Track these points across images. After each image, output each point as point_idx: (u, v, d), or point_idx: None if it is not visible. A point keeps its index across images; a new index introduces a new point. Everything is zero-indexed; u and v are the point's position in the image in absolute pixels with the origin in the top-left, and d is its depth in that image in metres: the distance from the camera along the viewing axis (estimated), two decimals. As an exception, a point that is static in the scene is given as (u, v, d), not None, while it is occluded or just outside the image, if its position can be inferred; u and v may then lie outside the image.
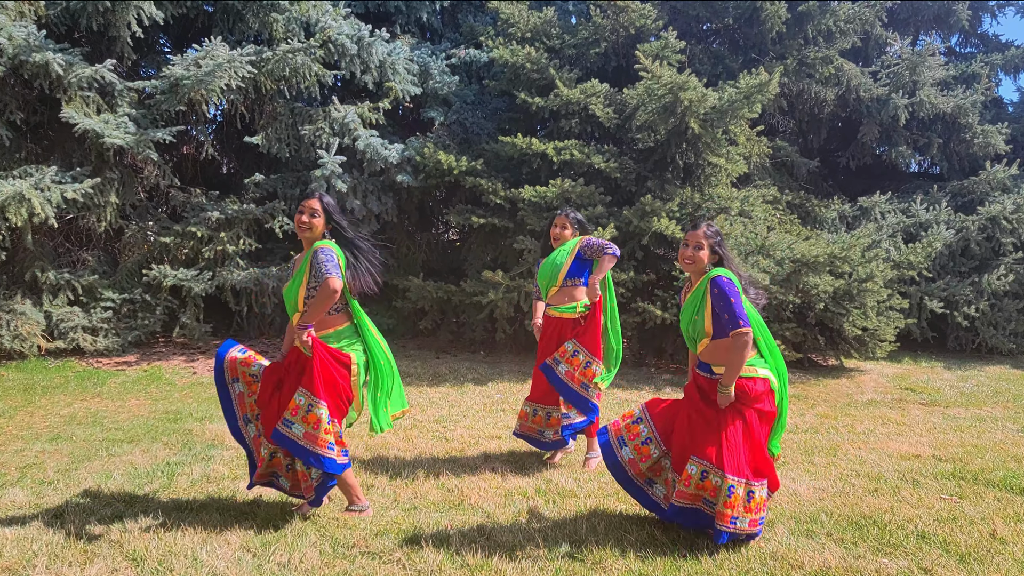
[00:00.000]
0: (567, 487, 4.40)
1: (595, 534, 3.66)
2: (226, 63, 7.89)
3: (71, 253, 8.74)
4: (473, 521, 3.84)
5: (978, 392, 7.80)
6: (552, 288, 4.80)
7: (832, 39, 10.51)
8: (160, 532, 3.57)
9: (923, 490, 4.40)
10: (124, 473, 4.54)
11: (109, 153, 7.88)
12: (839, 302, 8.11)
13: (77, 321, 8.02)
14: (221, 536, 3.55)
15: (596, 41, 9.47)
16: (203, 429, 5.65)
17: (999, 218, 9.62)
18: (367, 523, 3.78)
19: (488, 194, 8.64)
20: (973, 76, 11.48)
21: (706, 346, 3.62)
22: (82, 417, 6.01)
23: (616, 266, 8.15)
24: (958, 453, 5.31)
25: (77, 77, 7.53)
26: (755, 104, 8.15)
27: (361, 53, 8.90)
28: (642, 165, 8.72)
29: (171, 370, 7.87)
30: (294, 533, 3.62)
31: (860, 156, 11.21)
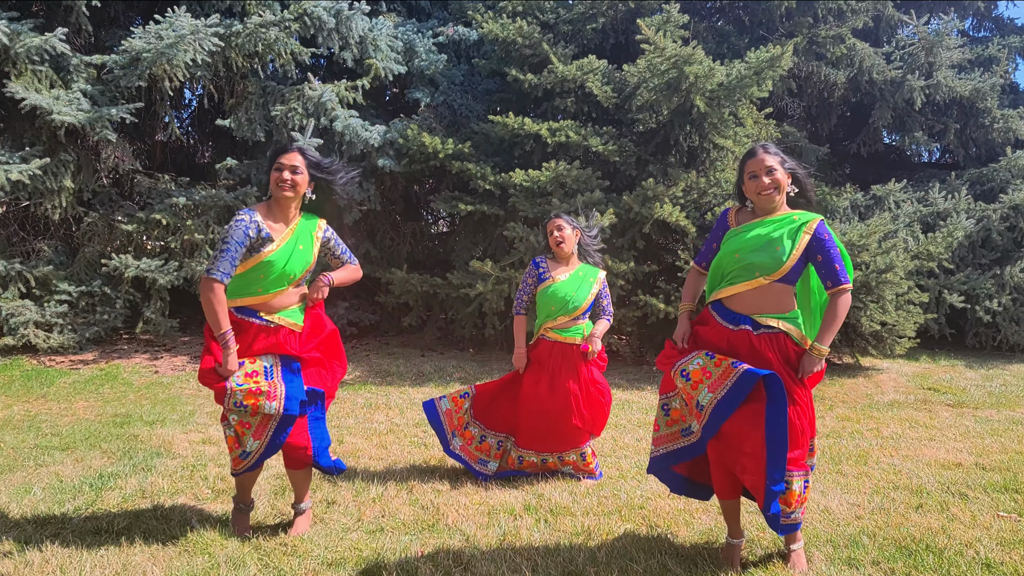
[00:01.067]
0: (561, 503, 3.77)
1: (594, 563, 3.04)
2: (190, 35, 7.23)
3: (25, 243, 8.07)
4: (449, 545, 3.22)
5: (1007, 392, 7.20)
6: (563, 318, 4.19)
7: (843, 18, 9.91)
8: (67, 561, 2.94)
9: (975, 505, 3.78)
10: (46, 487, 3.90)
11: (61, 132, 7.21)
12: (856, 295, 7.48)
13: (29, 316, 7.35)
14: (139, 568, 2.92)
15: (593, 16, 8.83)
16: (150, 435, 5.01)
17: (1023, 207, 9.02)
18: (321, 548, 3.14)
19: (477, 179, 8.01)
20: (990, 59, 10.89)
21: (756, 287, 2.93)
22: (18, 421, 5.36)
23: (615, 256, 7.52)
24: (1003, 461, 4.69)
25: (25, 47, 6.87)
26: (765, 81, 7.53)
27: (340, 27, 8.25)
28: (643, 148, 8.09)
29: (130, 368, 7.22)
30: (230, 564, 2.99)
31: (871, 143, 10.60)
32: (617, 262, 7.37)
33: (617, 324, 7.66)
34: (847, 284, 2.89)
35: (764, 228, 2.96)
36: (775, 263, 2.89)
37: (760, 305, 2.95)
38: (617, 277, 7.44)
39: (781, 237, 2.91)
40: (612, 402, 4.43)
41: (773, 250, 2.90)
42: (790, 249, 2.89)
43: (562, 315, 4.17)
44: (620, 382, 7.13)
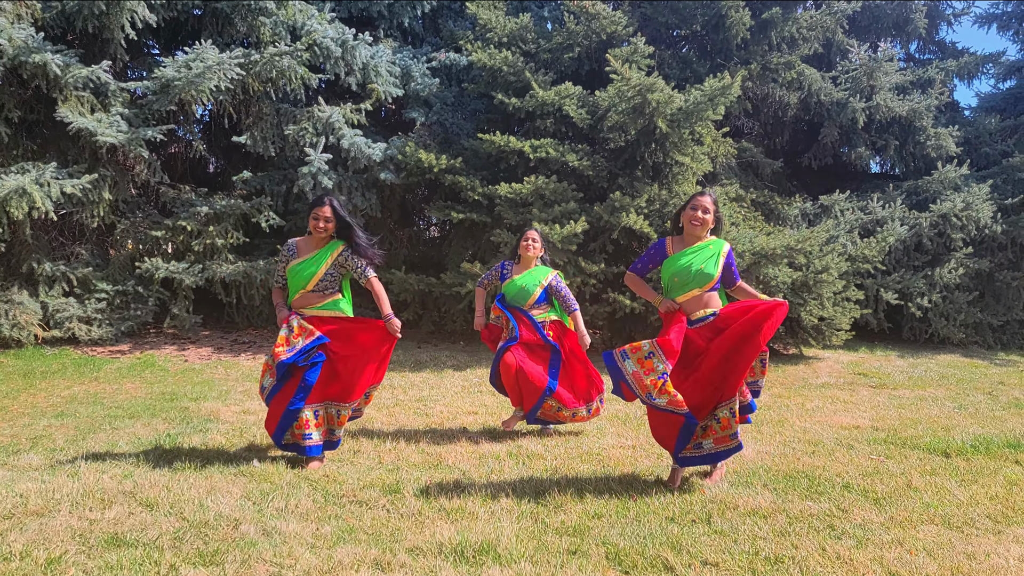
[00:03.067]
0: (535, 451, 4.85)
1: (557, 486, 4.11)
2: (215, 65, 8.27)
3: (65, 247, 9.07)
4: (450, 478, 4.28)
5: (926, 376, 8.35)
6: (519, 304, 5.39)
7: (795, 45, 11.07)
8: (168, 486, 3.98)
9: (855, 453, 4.90)
10: (129, 442, 4.93)
11: (102, 151, 8.24)
12: (797, 292, 8.63)
13: (72, 311, 8.36)
14: (223, 488, 3.97)
15: (570, 46, 9.95)
16: (198, 407, 6.04)
17: (950, 215, 10.20)
18: (354, 479, 4.20)
19: (467, 191, 9.08)
20: (929, 81, 12.09)
21: (696, 296, 4.18)
22: (83, 398, 6.37)
23: (587, 259, 8.62)
24: (894, 425, 5.82)
25: (74, 77, 7.89)
26: (719, 106, 8.65)
27: (345, 56, 9.32)
28: (613, 163, 9.20)
29: (163, 358, 8.24)
30: (289, 486, 4.04)
31: (822, 157, 11.77)
32: (589, 263, 8.47)
33: (589, 319, 8.76)
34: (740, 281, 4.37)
35: (694, 256, 4.21)
36: (707, 279, 4.18)
37: (697, 306, 4.22)
38: (589, 277, 8.53)
39: (707, 262, 4.20)
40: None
41: (703, 271, 4.17)
42: (714, 269, 4.20)
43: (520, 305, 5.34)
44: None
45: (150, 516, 3.55)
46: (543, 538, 3.37)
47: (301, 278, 4.64)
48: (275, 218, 9.34)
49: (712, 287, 4.20)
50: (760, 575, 3.02)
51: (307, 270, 4.63)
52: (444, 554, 3.19)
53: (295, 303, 4.69)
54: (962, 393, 7.44)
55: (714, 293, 4.24)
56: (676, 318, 4.24)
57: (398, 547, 3.25)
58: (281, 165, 9.84)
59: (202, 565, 3.03)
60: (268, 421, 4.56)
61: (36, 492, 3.82)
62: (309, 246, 4.71)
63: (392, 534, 3.42)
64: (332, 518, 3.61)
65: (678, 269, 4.21)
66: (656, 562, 3.13)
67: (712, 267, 4.17)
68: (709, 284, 4.17)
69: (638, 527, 3.51)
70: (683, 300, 4.22)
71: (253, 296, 9.28)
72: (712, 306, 4.22)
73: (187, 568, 3.00)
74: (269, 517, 3.58)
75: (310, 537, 3.34)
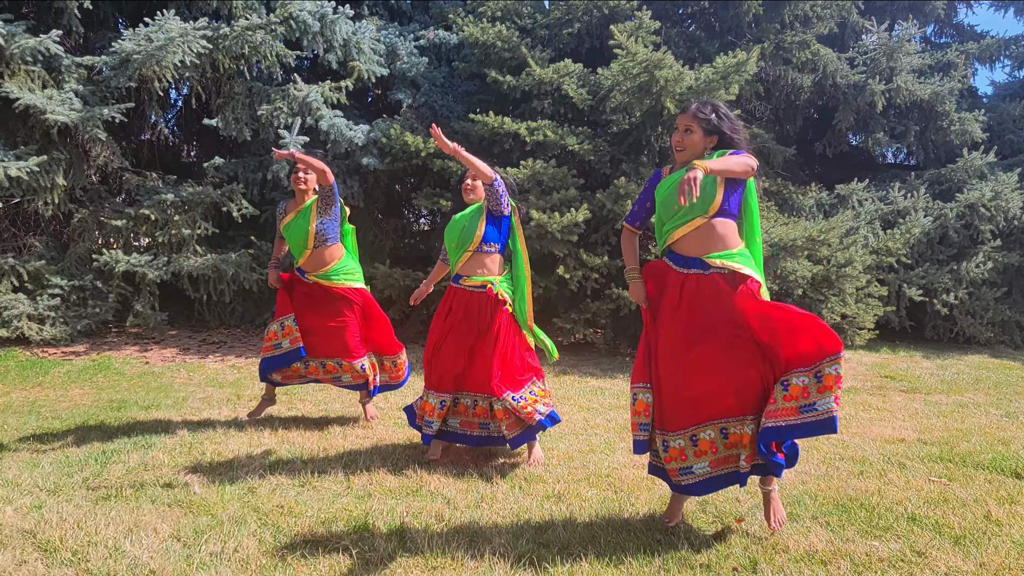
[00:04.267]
0: (534, 472, 4.10)
1: (562, 520, 3.37)
2: (179, 37, 7.49)
3: (17, 239, 8.28)
4: (431, 508, 3.53)
5: (958, 380, 7.63)
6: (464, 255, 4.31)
7: (809, 24, 10.32)
8: (81, 522, 3.22)
9: (910, 472, 4.16)
10: (53, 461, 4.17)
11: (54, 131, 7.45)
12: (818, 288, 7.91)
13: (22, 309, 7.57)
14: (149, 525, 3.21)
15: (569, 21, 9.18)
16: (147, 417, 5.27)
17: (977, 205, 9.48)
18: (314, 510, 3.45)
19: (457, 176, 8.30)
20: (949, 64, 11.36)
21: (699, 226, 3.07)
22: (18, 406, 5.60)
23: (589, 251, 7.87)
24: (943, 437, 5.09)
25: (20, 48, 7.09)
26: (732, 85, 7.90)
27: (324, 31, 8.53)
28: (617, 148, 8.45)
29: (121, 359, 7.45)
30: (232, 521, 3.29)
31: (836, 144, 11.03)
32: (591, 256, 7.72)
33: (591, 316, 8.01)
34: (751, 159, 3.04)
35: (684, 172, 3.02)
36: (706, 198, 3.04)
37: (706, 245, 3.09)
38: (591, 271, 7.79)
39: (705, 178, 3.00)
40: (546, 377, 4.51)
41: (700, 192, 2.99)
42: (712, 182, 3.03)
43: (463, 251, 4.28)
44: (594, 371, 7.48)
45: (43, 566, 2.78)
46: (546, 597, 2.63)
47: (297, 236, 4.90)
48: (248, 207, 8.56)
49: (717, 213, 3.06)
50: (837, 656, 2.28)
51: (301, 227, 4.88)
52: (417, 623, 2.44)
53: (304, 266, 4.98)
54: (1004, 399, 6.71)
55: (728, 224, 3.10)
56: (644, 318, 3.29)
57: (357, 612, 2.50)
58: (257, 151, 9.05)
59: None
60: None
61: (-89, 532, 3.06)
62: (295, 203, 5.00)
63: (352, 591, 2.67)
64: (278, 567, 2.85)
65: (669, 192, 3.14)
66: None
67: (711, 183, 3.03)
68: (712, 207, 3.05)
69: (667, 580, 2.77)
70: (681, 236, 3.13)
71: (224, 292, 8.50)
72: (729, 244, 3.08)
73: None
74: (197, 567, 2.82)
75: (244, 598, 2.59)
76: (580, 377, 7.17)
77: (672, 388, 3.12)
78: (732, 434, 3.09)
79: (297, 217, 4.91)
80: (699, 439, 3.10)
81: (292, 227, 4.93)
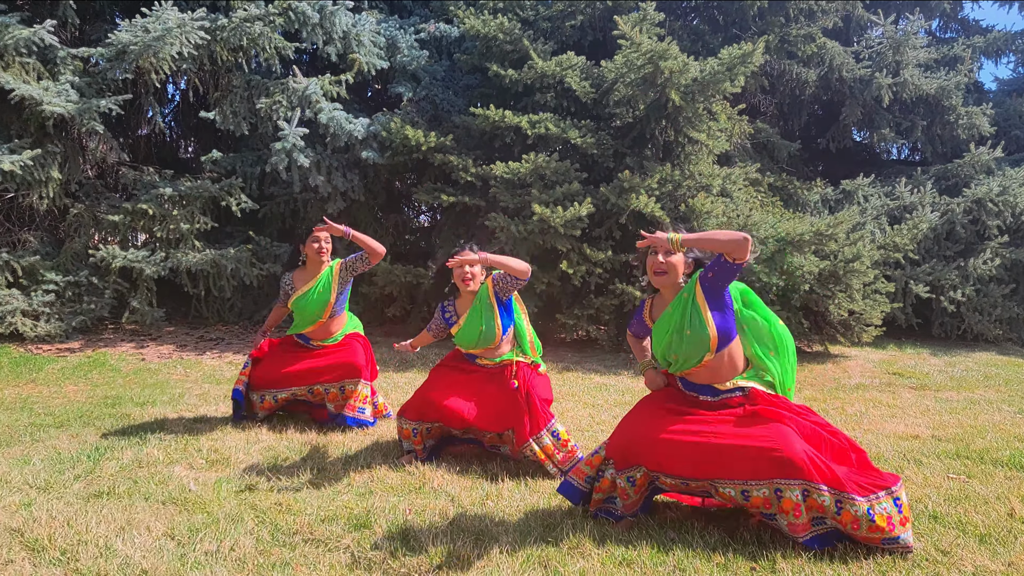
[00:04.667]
0: (540, 471, 3.98)
1: (571, 518, 3.25)
2: (176, 28, 7.36)
3: (11, 233, 8.14)
4: (435, 506, 3.41)
5: (968, 376, 7.51)
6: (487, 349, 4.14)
7: (813, 17, 10.22)
8: (71, 520, 3.10)
9: (927, 470, 4.04)
10: (44, 458, 4.04)
11: (50, 123, 7.32)
12: (824, 284, 7.78)
13: (16, 305, 7.44)
14: (142, 523, 3.09)
15: (572, 13, 9.06)
16: (142, 414, 5.15)
17: (985, 200, 9.37)
18: (314, 507, 3.33)
19: (458, 171, 8.19)
20: (955, 59, 11.26)
21: (708, 361, 3.05)
22: (10, 402, 5.48)
23: (593, 245, 7.75)
24: (958, 434, 4.97)
25: (14, 39, 6.97)
26: (737, 77, 7.78)
27: (324, 23, 8.40)
28: (620, 141, 8.32)
29: (117, 356, 7.33)
30: (228, 519, 3.17)
31: (840, 139, 10.92)
32: (595, 251, 7.60)
33: (595, 312, 7.89)
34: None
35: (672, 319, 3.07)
36: (705, 342, 2.99)
37: (715, 376, 3.09)
38: (595, 266, 7.67)
39: (688, 318, 3.01)
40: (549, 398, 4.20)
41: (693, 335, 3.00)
42: (701, 321, 2.99)
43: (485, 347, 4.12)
44: (598, 368, 7.36)
45: (30, 565, 2.66)
46: (557, 598, 2.51)
47: (313, 309, 4.71)
48: (247, 202, 8.43)
49: (719, 346, 3.02)
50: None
51: (315, 297, 4.68)
52: (422, 626, 2.32)
53: (312, 335, 4.84)
54: (1016, 396, 6.59)
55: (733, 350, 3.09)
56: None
57: (359, 614, 2.38)
58: (255, 146, 8.93)
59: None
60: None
61: None
62: (307, 274, 4.78)
63: (353, 592, 2.55)
64: (276, 567, 2.73)
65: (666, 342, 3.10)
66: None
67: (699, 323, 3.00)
68: (712, 343, 3.00)
69: (682, 580, 2.65)
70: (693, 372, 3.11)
71: (223, 288, 8.37)
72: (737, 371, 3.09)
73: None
74: (191, 567, 2.70)
75: (240, 599, 2.47)
76: (584, 374, 7.05)
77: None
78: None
79: (313, 290, 4.69)
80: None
81: (306, 300, 4.70)
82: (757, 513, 2.97)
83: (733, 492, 2.94)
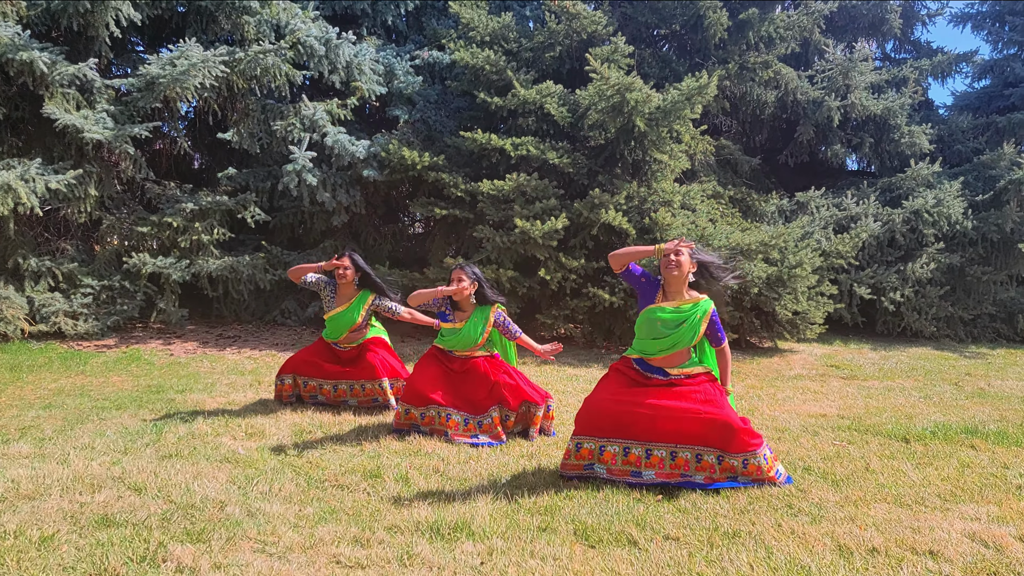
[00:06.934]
0: (513, 440, 5.02)
1: (533, 471, 4.29)
2: (200, 63, 8.38)
3: (50, 243, 9.15)
4: (428, 464, 4.44)
5: (895, 368, 8.59)
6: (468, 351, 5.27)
7: (772, 45, 11.29)
8: (155, 472, 4.12)
9: (819, 439, 5.10)
10: (116, 431, 5.05)
11: (88, 147, 8.33)
12: (772, 287, 8.85)
13: (58, 306, 8.45)
14: (209, 474, 4.11)
15: (551, 45, 10.12)
16: (184, 399, 6.17)
17: (921, 211, 10.46)
18: (336, 465, 4.36)
19: (449, 187, 9.23)
20: (903, 80, 12.35)
21: (673, 353, 4.10)
22: (70, 390, 6.48)
23: (568, 254, 8.80)
24: (860, 413, 6.04)
25: (60, 75, 7.97)
26: (696, 105, 8.85)
27: (329, 54, 9.44)
28: (593, 161, 9.38)
29: (149, 352, 8.34)
30: (273, 471, 4.20)
31: (798, 154, 12.01)
32: (570, 259, 8.65)
33: (570, 312, 8.95)
34: (725, 342, 4.21)
35: (678, 314, 4.07)
36: (690, 339, 4.10)
37: (671, 361, 4.14)
38: (570, 272, 8.72)
39: (691, 320, 4.06)
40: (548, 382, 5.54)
41: (688, 330, 4.06)
42: (699, 329, 4.09)
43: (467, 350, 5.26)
44: (572, 361, 8.41)
45: (138, 499, 3.69)
46: (515, 517, 3.55)
47: (342, 324, 5.82)
48: (260, 214, 9.46)
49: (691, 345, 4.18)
50: (717, 548, 3.21)
51: (346, 317, 5.80)
52: (421, 531, 3.35)
53: (340, 342, 5.95)
54: (929, 384, 7.68)
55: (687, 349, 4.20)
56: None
57: (377, 525, 3.42)
58: (266, 162, 9.95)
59: (189, 543, 3.18)
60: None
61: (27, 478, 3.95)
62: (343, 294, 5.84)
63: (372, 514, 3.58)
64: (314, 500, 3.76)
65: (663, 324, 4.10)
66: (621, 537, 3.31)
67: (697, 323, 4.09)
68: (696, 340, 4.14)
69: (606, 506, 3.69)
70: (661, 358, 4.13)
71: (241, 291, 9.40)
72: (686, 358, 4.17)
73: (175, 545, 3.14)
74: (253, 500, 3.73)
75: (293, 517, 3.50)
76: (559, 367, 8.09)
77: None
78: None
79: (346, 312, 5.78)
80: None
81: (340, 319, 5.80)
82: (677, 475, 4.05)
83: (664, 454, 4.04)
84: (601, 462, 4.13)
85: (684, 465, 4.01)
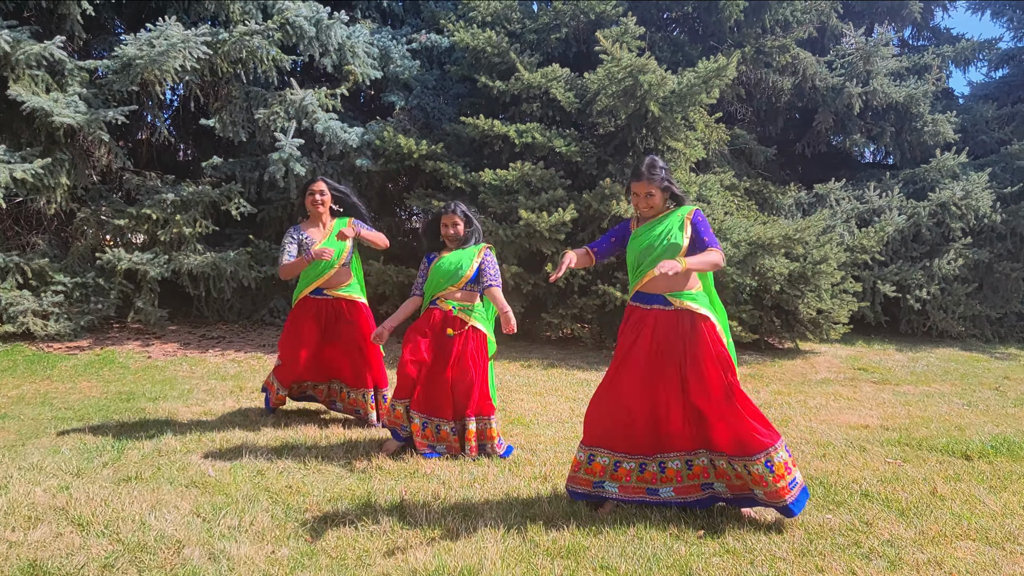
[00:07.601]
0: (521, 456, 4.43)
1: (547, 498, 3.69)
2: (180, 43, 7.74)
3: (20, 237, 8.52)
4: (428, 488, 3.85)
5: (928, 371, 8.01)
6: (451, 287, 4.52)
7: (789, 28, 10.69)
8: (107, 500, 3.52)
9: (869, 455, 4.51)
10: (73, 448, 4.45)
11: (59, 133, 7.70)
12: (794, 284, 8.26)
13: (27, 305, 7.82)
14: (170, 503, 3.51)
15: (557, 27, 9.50)
16: (156, 408, 5.56)
17: (949, 204, 9.87)
18: (320, 490, 3.76)
19: (449, 178, 8.63)
20: (924, 67, 11.76)
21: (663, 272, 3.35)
22: (31, 398, 5.88)
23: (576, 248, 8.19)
24: (905, 424, 5.45)
25: (25, 54, 7.34)
26: (713, 89, 8.24)
27: (320, 35, 8.80)
28: (603, 149, 8.77)
29: (124, 354, 7.73)
30: (245, 499, 3.59)
31: (816, 144, 11.41)
32: (578, 254, 8.03)
33: (578, 311, 8.35)
34: (714, 247, 3.48)
35: (656, 228, 3.54)
36: (674, 251, 3.47)
37: (669, 285, 3.49)
38: (578, 268, 8.10)
39: (672, 229, 3.51)
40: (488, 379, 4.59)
41: (670, 242, 3.48)
42: (682, 236, 3.49)
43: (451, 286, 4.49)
44: (581, 364, 7.81)
45: (79, 538, 3.08)
46: (532, 561, 2.95)
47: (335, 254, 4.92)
48: (246, 206, 8.83)
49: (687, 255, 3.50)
50: (784, 606, 2.62)
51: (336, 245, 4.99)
52: (418, 583, 2.76)
53: (327, 284, 5.08)
54: (968, 389, 7.10)
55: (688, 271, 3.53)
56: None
57: (365, 574, 2.82)
58: (253, 151, 9.32)
59: (132, 600, 2.59)
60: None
61: (-47, 509, 3.35)
62: (317, 227, 5.10)
63: (359, 557, 2.98)
64: (291, 537, 3.17)
65: (640, 246, 3.56)
66: (663, 591, 2.72)
67: (679, 236, 3.50)
68: (680, 255, 3.47)
69: (639, 546, 3.10)
70: (650, 279, 3.51)
71: (223, 289, 8.77)
72: (689, 286, 3.51)
73: (113, 604, 2.55)
74: (218, 537, 3.13)
75: (263, 563, 2.90)
76: (567, 370, 7.50)
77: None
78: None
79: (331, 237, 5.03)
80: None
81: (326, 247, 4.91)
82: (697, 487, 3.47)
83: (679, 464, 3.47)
84: (614, 480, 3.54)
85: (703, 473, 3.47)
